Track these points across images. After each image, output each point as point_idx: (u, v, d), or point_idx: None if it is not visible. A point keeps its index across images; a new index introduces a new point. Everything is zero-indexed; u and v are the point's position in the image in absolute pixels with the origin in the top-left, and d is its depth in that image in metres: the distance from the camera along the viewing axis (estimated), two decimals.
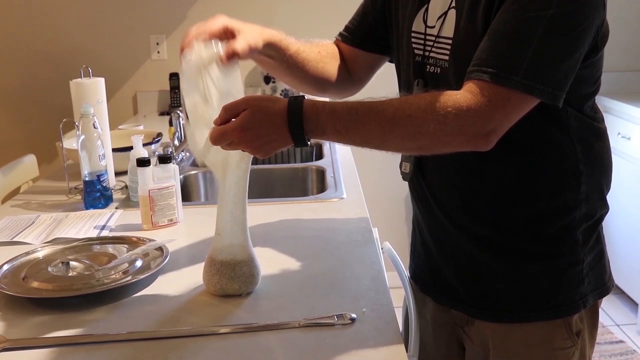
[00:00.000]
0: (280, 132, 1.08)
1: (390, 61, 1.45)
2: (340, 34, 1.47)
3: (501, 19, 1.10)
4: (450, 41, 1.21)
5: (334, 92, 1.46)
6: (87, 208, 1.79)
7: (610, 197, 1.30)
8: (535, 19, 1.07)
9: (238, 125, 1.07)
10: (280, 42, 1.30)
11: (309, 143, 1.10)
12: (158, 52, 3.38)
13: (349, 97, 1.46)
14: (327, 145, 2.45)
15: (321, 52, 1.40)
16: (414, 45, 1.29)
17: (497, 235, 1.25)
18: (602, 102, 3.39)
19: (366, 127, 1.09)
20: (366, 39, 1.43)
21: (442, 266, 1.34)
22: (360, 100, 1.12)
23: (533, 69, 1.07)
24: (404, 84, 1.34)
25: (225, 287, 1.21)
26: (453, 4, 1.21)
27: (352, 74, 1.46)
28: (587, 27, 1.10)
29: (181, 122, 2.30)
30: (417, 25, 1.28)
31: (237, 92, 1.16)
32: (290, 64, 1.33)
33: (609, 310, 3.30)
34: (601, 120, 1.27)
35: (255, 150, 1.11)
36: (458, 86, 1.14)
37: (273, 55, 1.30)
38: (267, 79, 3.28)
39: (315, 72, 1.38)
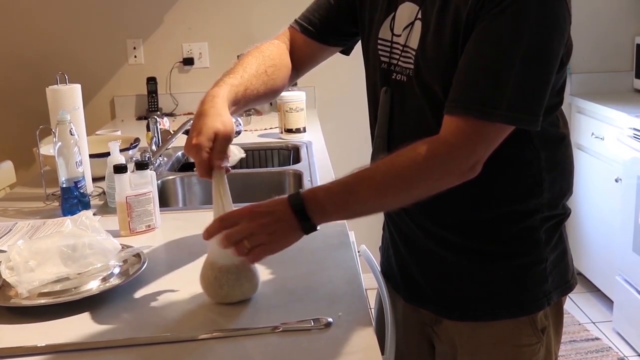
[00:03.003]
0: (288, 224, 1.14)
1: (342, 52, 1.47)
2: (300, 25, 1.44)
3: (476, 51, 1.12)
4: (415, 52, 1.22)
5: (280, 93, 1.46)
6: (64, 214, 1.79)
7: (584, 196, 1.33)
8: (510, 51, 1.09)
9: (253, 254, 1.15)
10: (235, 95, 1.27)
11: (317, 228, 1.16)
12: (135, 57, 3.37)
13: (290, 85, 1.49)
14: (304, 149, 2.46)
15: (268, 70, 1.35)
16: (380, 52, 1.31)
17: (461, 238, 1.28)
18: (576, 102, 3.44)
19: (361, 194, 1.16)
20: (329, 33, 1.43)
21: (410, 265, 1.37)
22: (349, 173, 1.18)
23: (515, 101, 1.10)
24: (370, 89, 1.37)
25: (232, 295, 1.21)
26: (419, 16, 1.22)
27: (299, 64, 1.45)
28: (559, 50, 1.13)
29: (158, 126, 2.30)
30: (384, 32, 1.30)
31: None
32: (245, 102, 1.33)
33: (585, 308, 3.35)
34: (564, 125, 1.29)
35: (273, 251, 1.17)
36: (423, 96, 1.19)
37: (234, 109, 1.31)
38: None
39: (266, 92, 1.36)
